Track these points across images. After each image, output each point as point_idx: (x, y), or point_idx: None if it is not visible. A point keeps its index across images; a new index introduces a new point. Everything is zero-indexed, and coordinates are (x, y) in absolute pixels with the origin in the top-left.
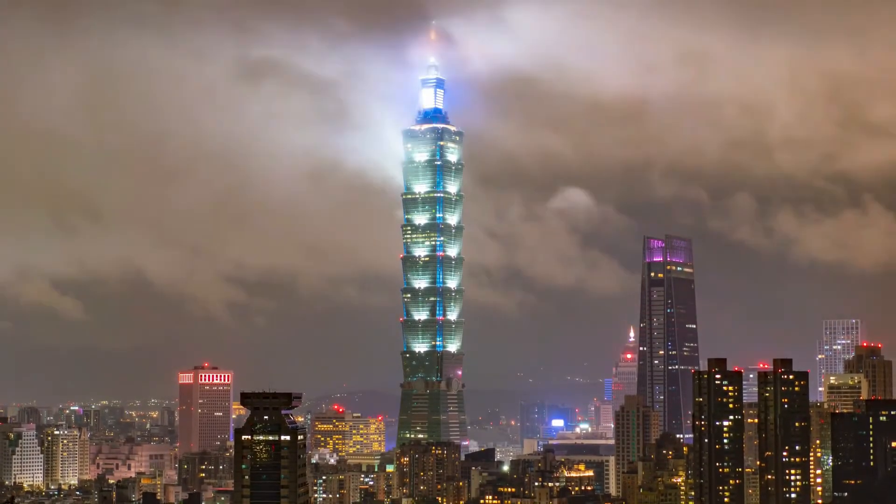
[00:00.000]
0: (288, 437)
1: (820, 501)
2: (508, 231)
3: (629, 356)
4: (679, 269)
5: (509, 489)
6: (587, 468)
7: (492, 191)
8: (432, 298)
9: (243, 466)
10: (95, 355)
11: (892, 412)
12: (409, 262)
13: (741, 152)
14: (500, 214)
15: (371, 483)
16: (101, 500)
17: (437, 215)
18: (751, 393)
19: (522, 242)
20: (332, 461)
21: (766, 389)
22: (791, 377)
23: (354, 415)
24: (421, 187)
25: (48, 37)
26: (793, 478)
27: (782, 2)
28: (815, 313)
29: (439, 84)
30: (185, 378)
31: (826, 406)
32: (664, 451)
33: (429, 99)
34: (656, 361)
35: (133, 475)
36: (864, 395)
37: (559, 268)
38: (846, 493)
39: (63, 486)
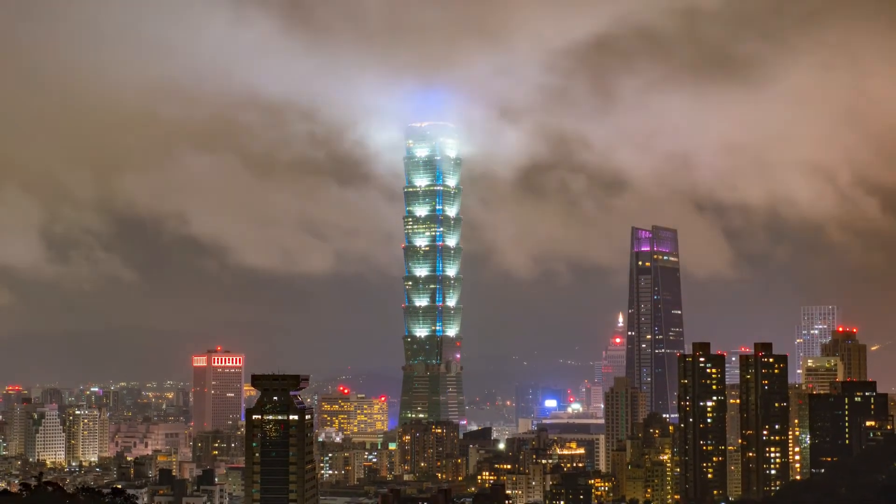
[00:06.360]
0: (296, 417)
1: (798, 477)
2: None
3: (618, 340)
4: (665, 258)
5: (505, 466)
6: (579, 446)
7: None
8: (432, 286)
9: (254, 444)
10: (117, 340)
11: (867, 393)
12: (411, 252)
13: None
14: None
15: (374, 460)
16: (119, 476)
17: (437, 207)
18: (733, 375)
19: None
20: (338, 439)
21: (748, 372)
22: (771, 360)
23: (359, 396)
24: (421, 181)
25: None
26: (773, 455)
27: None
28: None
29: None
30: (199, 361)
31: (804, 387)
32: (651, 430)
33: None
34: (644, 345)
35: (150, 452)
36: (839, 377)
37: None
38: (823, 470)
39: (84, 463)
